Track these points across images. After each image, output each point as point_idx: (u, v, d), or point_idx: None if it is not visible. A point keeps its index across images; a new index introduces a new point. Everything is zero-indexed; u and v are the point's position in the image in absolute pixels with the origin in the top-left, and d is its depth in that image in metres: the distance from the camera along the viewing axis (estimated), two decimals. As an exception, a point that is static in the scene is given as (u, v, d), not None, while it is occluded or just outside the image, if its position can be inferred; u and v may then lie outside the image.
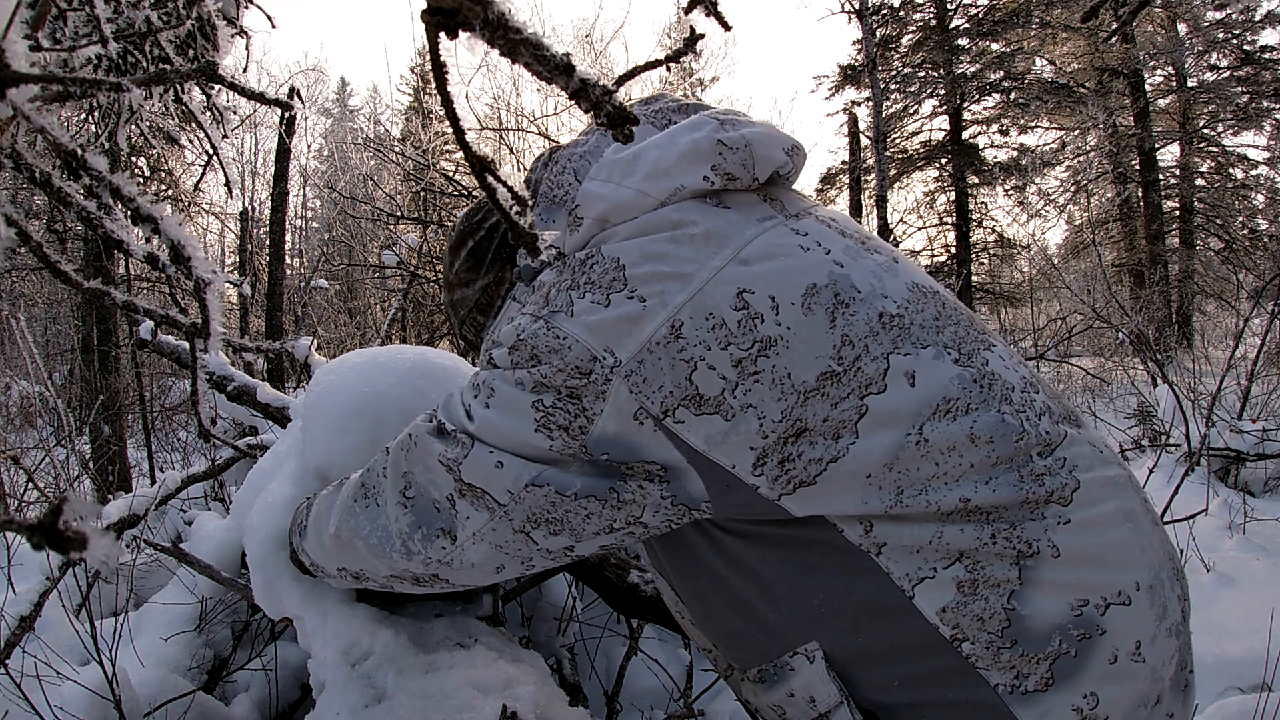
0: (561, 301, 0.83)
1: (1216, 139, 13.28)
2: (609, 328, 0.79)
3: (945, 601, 0.75)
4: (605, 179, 0.89)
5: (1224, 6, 11.77)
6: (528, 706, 1.26)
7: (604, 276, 0.82)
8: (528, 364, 0.82)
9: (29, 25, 0.59)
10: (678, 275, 0.80)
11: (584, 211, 0.89)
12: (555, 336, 0.81)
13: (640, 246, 0.83)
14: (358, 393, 1.58)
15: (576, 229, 0.89)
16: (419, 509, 0.90)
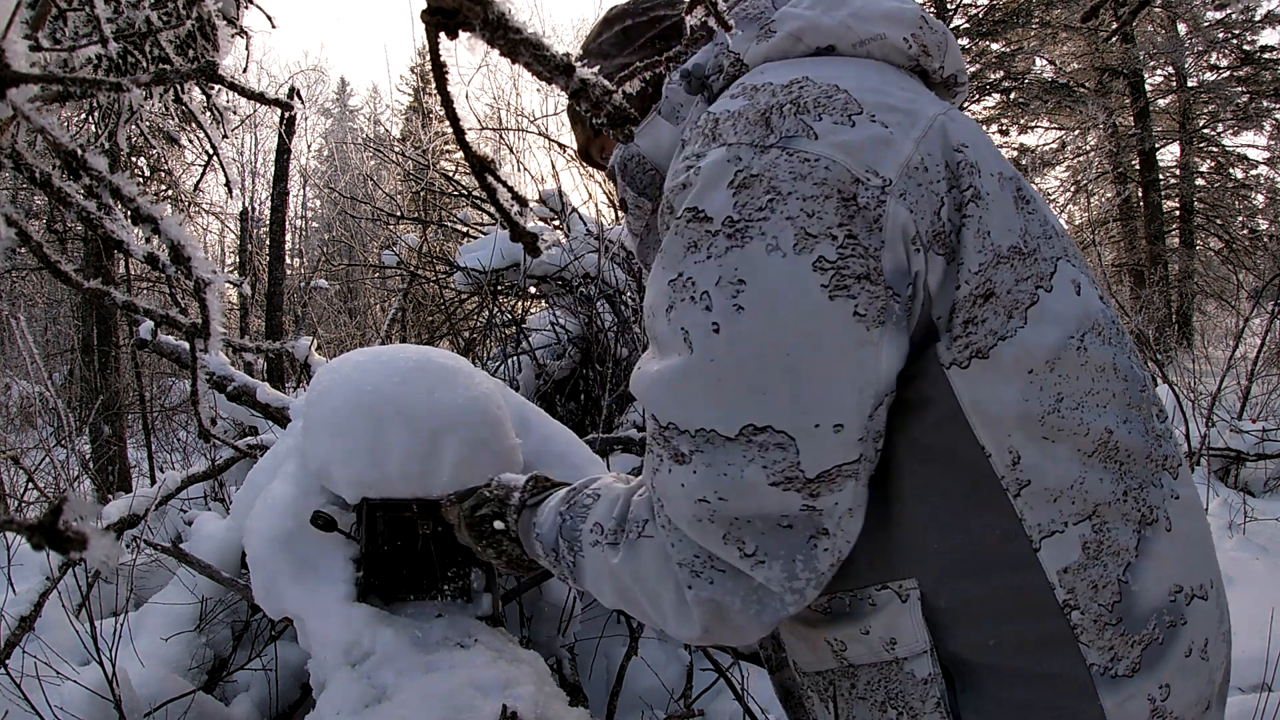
0: (792, 125, 0.70)
1: (1216, 139, 13.27)
2: (864, 147, 0.69)
3: (1069, 561, 0.70)
4: (809, 7, 0.82)
5: (1224, 6, 11.76)
6: (528, 706, 1.26)
7: (830, 99, 0.71)
8: (768, 208, 0.67)
9: (29, 25, 0.59)
10: (905, 110, 0.73)
11: (779, 26, 0.81)
12: (802, 160, 0.68)
13: (857, 76, 0.75)
14: (359, 392, 1.58)
15: (765, 39, 0.81)
16: (776, 547, 0.70)
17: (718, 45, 0.85)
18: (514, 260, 4.19)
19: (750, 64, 0.82)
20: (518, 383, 3.85)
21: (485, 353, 4.62)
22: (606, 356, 3.68)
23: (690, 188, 0.73)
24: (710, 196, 0.70)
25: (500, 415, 1.66)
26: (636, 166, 0.90)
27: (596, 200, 5.07)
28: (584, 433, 2.99)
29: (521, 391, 3.71)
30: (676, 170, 0.76)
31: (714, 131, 0.74)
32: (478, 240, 4.68)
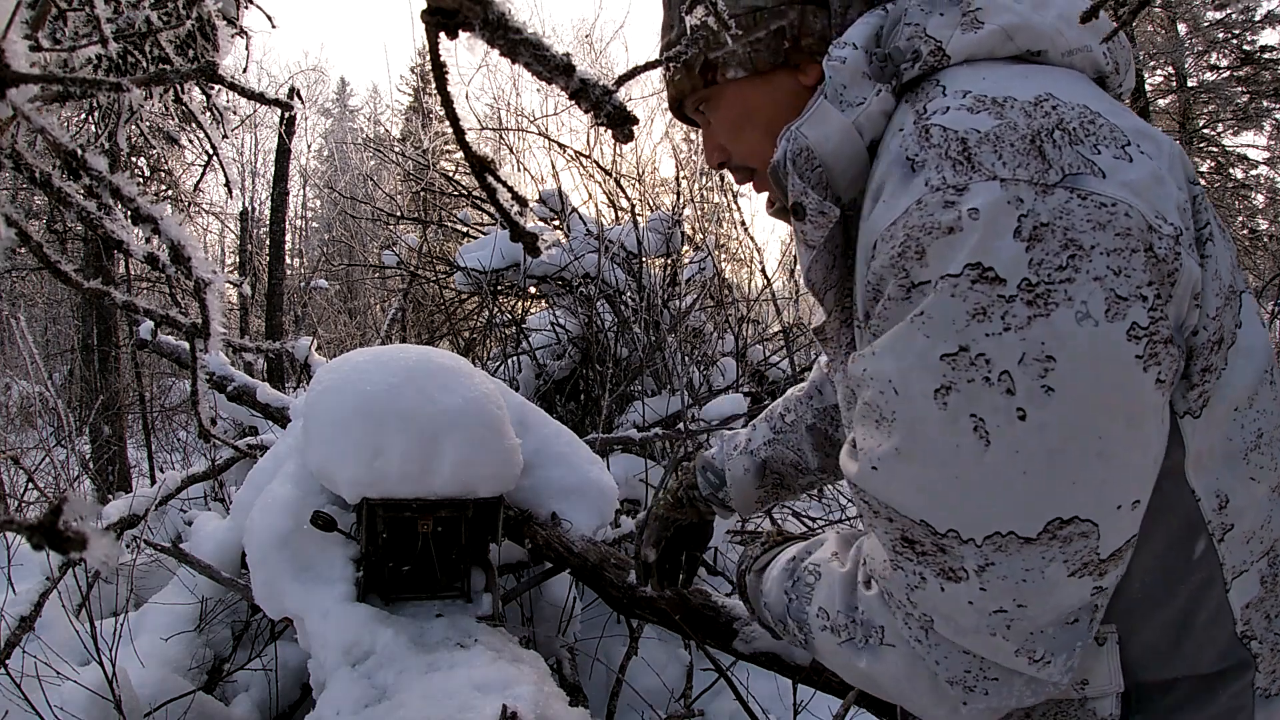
0: (1072, 159, 0.59)
1: (1216, 139, 13.28)
2: (1148, 187, 0.60)
3: (1250, 596, 0.70)
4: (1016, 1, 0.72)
5: (1224, 6, 11.77)
6: (528, 706, 1.26)
7: (1094, 126, 0.62)
8: (1070, 267, 0.57)
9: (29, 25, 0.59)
10: (1154, 138, 0.65)
11: (987, 17, 0.70)
12: (1098, 205, 0.58)
13: (1094, 96, 0.66)
14: (359, 392, 1.58)
15: (972, 30, 0.70)
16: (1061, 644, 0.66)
17: (910, 25, 0.73)
18: (514, 260, 4.19)
19: (953, 56, 0.70)
20: (518, 383, 3.85)
21: (485, 353, 4.62)
22: (606, 356, 3.68)
23: (960, 234, 0.59)
24: (996, 251, 0.58)
25: (500, 415, 1.66)
26: (806, 163, 0.75)
27: (596, 200, 5.07)
28: (584, 433, 2.99)
29: (521, 391, 3.71)
30: (927, 205, 0.61)
31: (969, 158, 0.61)
32: (478, 240, 4.68)
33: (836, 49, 0.76)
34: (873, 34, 0.76)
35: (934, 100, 0.67)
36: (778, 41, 0.81)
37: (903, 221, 0.63)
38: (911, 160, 0.65)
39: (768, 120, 0.85)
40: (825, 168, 0.75)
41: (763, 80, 0.84)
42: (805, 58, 0.82)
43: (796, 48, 0.81)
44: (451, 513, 1.61)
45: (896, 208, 0.64)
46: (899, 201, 0.64)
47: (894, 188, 0.65)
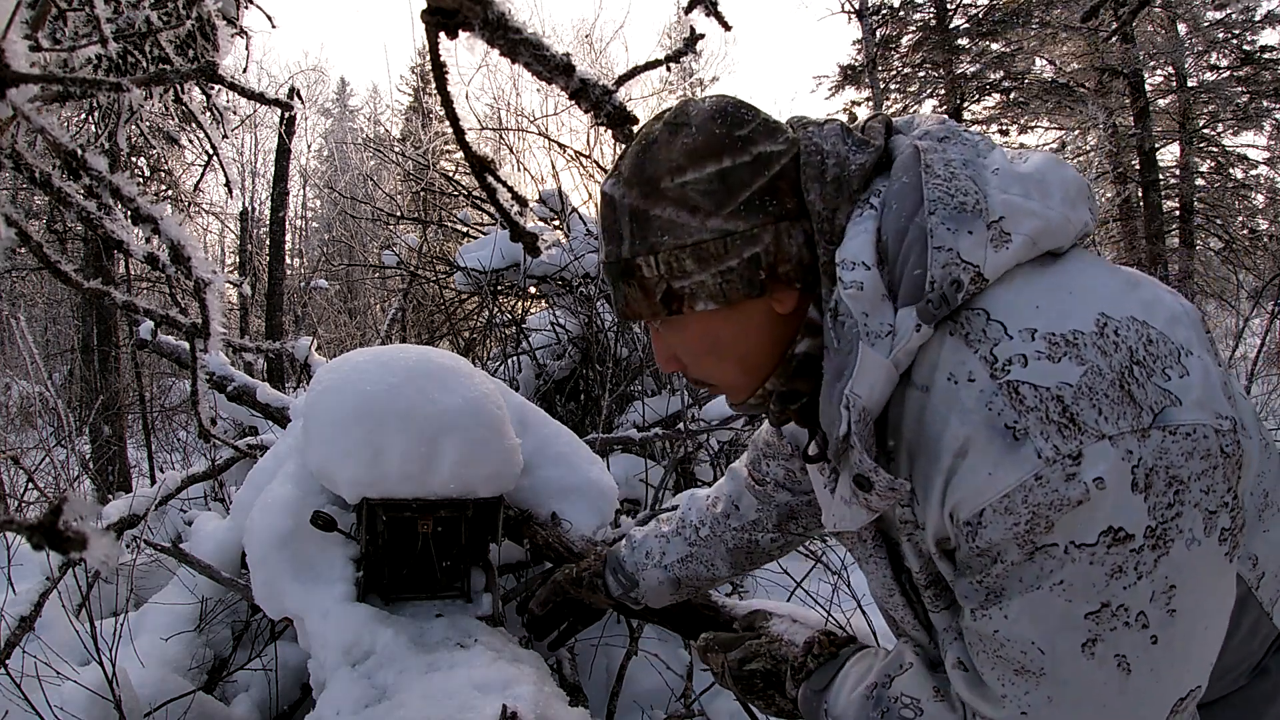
0: (1155, 396, 0.64)
1: (1216, 139, 13.27)
2: (1206, 392, 0.65)
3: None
4: (1024, 194, 0.72)
5: (1224, 6, 11.77)
6: (528, 706, 1.26)
7: (1152, 345, 0.66)
8: (1178, 503, 0.63)
9: (29, 25, 0.59)
10: (1181, 319, 0.71)
11: (1013, 226, 0.71)
12: (1185, 436, 0.63)
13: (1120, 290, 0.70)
14: (359, 392, 1.58)
15: (1003, 246, 0.70)
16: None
17: (943, 249, 0.70)
18: (514, 260, 4.19)
19: (990, 277, 0.70)
20: (518, 383, 3.85)
21: (485, 353, 4.62)
22: (606, 356, 3.68)
23: (1089, 504, 0.63)
24: (1125, 512, 0.63)
25: (500, 415, 1.66)
26: (865, 426, 0.73)
27: (596, 200, 5.06)
28: (584, 433, 2.99)
29: (521, 391, 3.71)
30: (1048, 481, 0.63)
31: (1072, 419, 0.63)
32: (478, 240, 4.68)
33: (846, 270, 0.73)
34: (874, 243, 0.74)
35: (999, 344, 0.67)
36: (752, 271, 0.77)
37: (1021, 496, 0.65)
38: (1011, 429, 0.65)
39: (739, 354, 0.82)
40: (870, 414, 0.73)
41: (733, 309, 0.79)
42: (781, 285, 0.78)
43: (773, 275, 0.77)
44: (451, 513, 1.61)
45: (1006, 480, 0.65)
46: (1007, 474, 0.65)
47: (995, 456, 0.66)
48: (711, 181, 0.76)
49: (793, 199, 0.77)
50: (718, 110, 0.79)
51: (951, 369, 0.69)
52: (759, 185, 0.76)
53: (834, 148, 0.78)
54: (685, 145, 0.77)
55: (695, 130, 0.77)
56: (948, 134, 0.79)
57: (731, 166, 0.76)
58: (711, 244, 0.76)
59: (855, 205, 0.77)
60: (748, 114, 0.79)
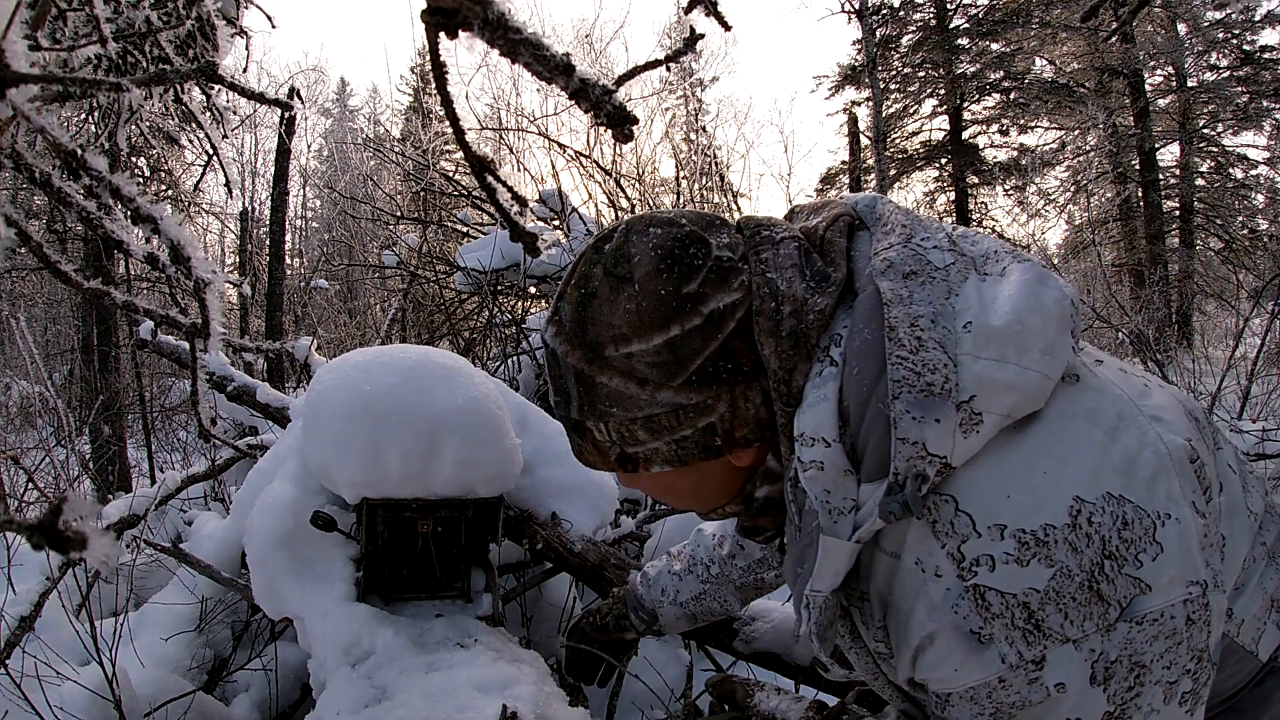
0: (1125, 589, 0.63)
1: (1216, 139, 13.27)
2: (1181, 567, 0.65)
3: (1276, 640, 0.81)
4: (999, 358, 0.67)
5: (1224, 6, 11.77)
6: (528, 706, 1.26)
7: (1126, 528, 0.64)
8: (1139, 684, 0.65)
9: (29, 25, 0.59)
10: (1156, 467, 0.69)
11: (985, 405, 0.66)
12: (1152, 623, 0.64)
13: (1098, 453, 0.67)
14: (359, 392, 1.58)
15: (973, 430, 0.66)
16: None
17: (908, 442, 0.66)
18: (514, 260, 4.19)
19: (958, 464, 0.67)
20: (518, 383, 3.85)
21: (485, 353, 4.62)
22: (606, 356, 3.68)
23: (1051, 703, 0.64)
24: (1085, 705, 0.64)
25: (500, 415, 1.66)
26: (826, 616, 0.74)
27: (596, 200, 5.07)
28: (584, 433, 2.98)
29: (521, 391, 3.71)
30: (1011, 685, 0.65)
31: (1037, 626, 0.63)
32: (478, 240, 4.68)
33: (805, 448, 0.70)
34: (835, 409, 0.70)
35: (967, 541, 0.65)
36: (708, 438, 0.75)
37: (985, 693, 0.66)
38: (977, 634, 0.65)
39: (698, 498, 0.83)
40: (830, 596, 0.73)
41: (690, 466, 0.78)
42: (740, 445, 0.76)
43: (729, 440, 0.75)
44: (451, 513, 1.61)
45: (970, 678, 0.66)
46: (972, 673, 0.66)
47: (961, 656, 0.66)
48: (660, 353, 0.71)
49: (749, 358, 0.73)
50: (664, 258, 0.73)
51: (919, 555, 0.67)
52: (711, 350, 0.72)
53: (790, 288, 0.73)
54: (628, 312, 0.72)
55: (638, 290, 0.72)
56: (915, 268, 0.72)
57: (681, 335, 0.71)
58: (664, 417, 0.74)
59: (814, 360, 0.72)
60: (697, 257, 0.73)
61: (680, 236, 0.75)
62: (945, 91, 15.22)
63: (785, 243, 0.76)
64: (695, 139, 10.15)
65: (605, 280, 0.74)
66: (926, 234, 0.76)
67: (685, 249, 0.74)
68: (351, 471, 1.52)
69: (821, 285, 0.74)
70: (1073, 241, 15.70)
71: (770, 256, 0.75)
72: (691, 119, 13.78)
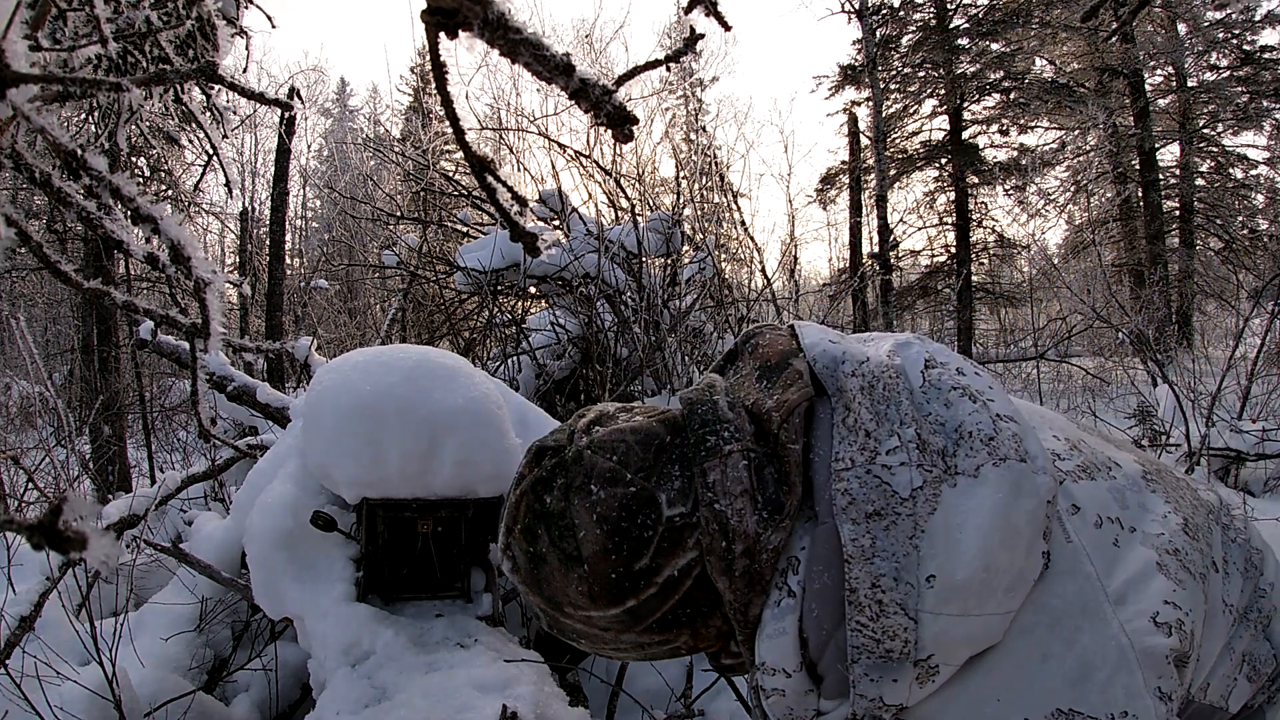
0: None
1: (1216, 139, 13.28)
2: None
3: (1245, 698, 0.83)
4: (961, 612, 0.67)
5: (1224, 6, 11.77)
6: (528, 706, 1.26)
7: None
8: None
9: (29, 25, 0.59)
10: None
11: (943, 659, 0.67)
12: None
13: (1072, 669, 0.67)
14: (359, 392, 1.58)
15: (930, 680, 0.68)
16: None
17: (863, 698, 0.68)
18: (514, 260, 4.19)
19: (913, 705, 0.69)
20: (518, 383, 3.85)
21: (485, 353, 4.62)
22: (606, 356, 3.69)
23: None
24: None
25: (499, 415, 1.66)
26: None
27: (596, 200, 5.07)
28: (584, 433, 2.98)
29: (521, 391, 3.71)
30: None
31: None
32: (478, 240, 4.68)
33: (767, 677, 0.72)
34: (796, 642, 0.70)
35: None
36: (673, 653, 0.81)
37: None
38: None
39: None
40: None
41: None
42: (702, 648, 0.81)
43: (693, 650, 0.80)
44: (451, 513, 1.61)
45: None
46: None
47: None
48: (618, 619, 0.74)
49: (707, 598, 0.75)
50: (611, 535, 0.72)
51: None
52: (669, 606, 0.74)
53: (741, 523, 0.71)
54: (581, 592, 0.74)
55: (589, 572, 0.73)
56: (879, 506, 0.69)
57: (636, 604, 0.73)
58: (630, 649, 0.79)
59: (770, 590, 0.72)
60: (646, 527, 0.72)
61: (626, 501, 0.73)
62: (945, 91, 15.22)
63: (733, 458, 0.73)
64: (695, 139, 10.16)
65: (553, 551, 0.74)
66: (892, 440, 0.71)
67: (634, 518, 0.73)
68: (351, 471, 1.52)
69: (774, 518, 0.71)
70: (1073, 241, 15.71)
71: (718, 480, 0.72)
72: (691, 119, 13.78)
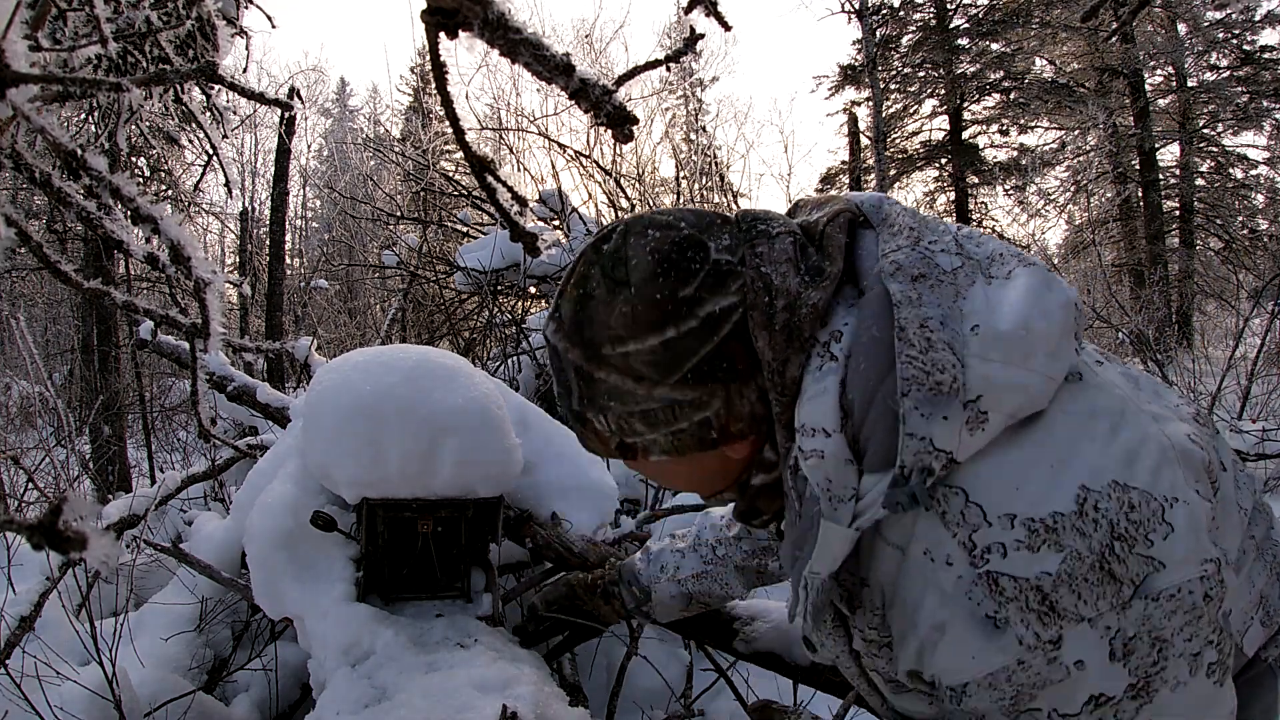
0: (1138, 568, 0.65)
1: (1216, 139, 13.27)
2: (1191, 548, 0.67)
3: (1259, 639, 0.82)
4: (1005, 360, 0.68)
5: (1224, 6, 11.77)
6: (528, 706, 1.26)
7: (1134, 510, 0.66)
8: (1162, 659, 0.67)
9: (29, 25, 0.59)
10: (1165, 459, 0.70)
11: (991, 405, 0.68)
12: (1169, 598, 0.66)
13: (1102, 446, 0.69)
14: (359, 392, 1.58)
15: (979, 428, 0.68)
16: None
17: (916, 438, 0.68)
18: (514, 260, 4.19)
19: (963, 459, 0.69)
20: (518, 383, 3.85)
21: (485, 353, 4.62)
22: (606, 356, 3.68)
23: (1071, 682, 0.66)
24: (1106, 681, 0.66)
25: (500, 415, 1.66)
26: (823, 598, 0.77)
27: (596, 200, 5.07)
28: (584, 433, 2.97)
29: (521, 391, 3.71)
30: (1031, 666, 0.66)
31: (1052, 607, 0.65)
32: (478, 240, 4.68)
33: (806, 438, 0.72)
34: (837, 403, 0.71)
35: (978, 530, 0.67)
36: (703, 432, 0.78)
37: (1005, 676, 0.67)
38: (992, 618, 0.67)
39: (695, 483, 0.87)
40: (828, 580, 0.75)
41: (687, 456, 0.81)
42: (734, 439, 0.79)
43: (724, 435, 0.78)
44: (451, 513, 1.61)
45: (989, 663, 0.67)
46: (990, 659, 0.67)
47: (977, 643, 0.68)
48: (655, 353, 0.74)
49: (745, 358, 0.75)
50: (660, 262, 0.75)
51: (928, 546, 0.69)
52: (707, 351, 0.74)
53: (784, 282, 0.74)
54: (624, 315, 0.74)
55: (635, 294, 0.74)
56: (923, 271, 0.73)
57: (676, 337, 0.73)
58: (660, 411, 0.77)
59: (810, 353, 0.74)
60: (694, 261, 0.75)
61: (678, 240, 0.76)
62: (945, 91, 15.22)
63: (781, 238, 0.77)
64: (695, 139, 10.16)
65: (603, 282, 0.77)
66: (934, 236, 0.77)
67: (683, 253, 0.75)
68: (351, 471, 1.52)
69: (815, 279, 0.75)
70: (1073, 241, 15.70)
71: (765, 251, 0.76)
72: (691, 119, 13.78)
